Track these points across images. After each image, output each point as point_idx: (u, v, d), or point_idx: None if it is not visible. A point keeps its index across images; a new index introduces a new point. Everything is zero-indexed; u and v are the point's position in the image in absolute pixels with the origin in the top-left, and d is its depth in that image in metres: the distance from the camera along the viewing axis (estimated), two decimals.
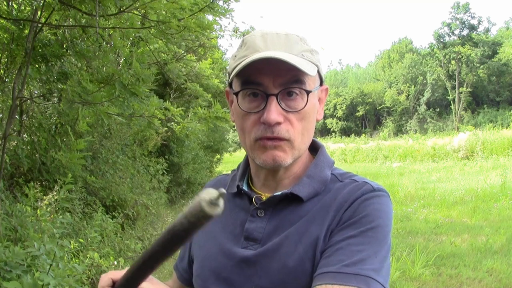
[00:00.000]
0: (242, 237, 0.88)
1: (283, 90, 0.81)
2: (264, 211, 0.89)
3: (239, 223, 0.90)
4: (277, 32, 0.84)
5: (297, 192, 0.87)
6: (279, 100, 0.81)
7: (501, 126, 25.10)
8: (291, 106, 0.82)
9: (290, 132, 0.82)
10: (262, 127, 0.82)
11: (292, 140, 0.83)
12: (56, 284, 2.25)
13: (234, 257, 0.87)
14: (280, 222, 0.87)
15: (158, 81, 6.80)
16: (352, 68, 72.34)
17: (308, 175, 0.90)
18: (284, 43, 0.83)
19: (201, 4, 3.00)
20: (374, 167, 18.72)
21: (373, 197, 0.83)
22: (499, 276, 4.55)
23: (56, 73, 3.74)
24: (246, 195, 0.93)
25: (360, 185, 0.86)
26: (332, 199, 0.86)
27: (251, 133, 0.84)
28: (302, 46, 0.84)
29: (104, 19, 3.29)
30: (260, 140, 0.83)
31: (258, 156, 0.85)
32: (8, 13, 3.37)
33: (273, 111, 0.80)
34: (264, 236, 0.86)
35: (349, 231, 0.79)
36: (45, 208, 3.41)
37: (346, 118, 54.85)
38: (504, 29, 48.71)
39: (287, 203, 0.88)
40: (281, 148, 0.83)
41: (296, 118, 0.83)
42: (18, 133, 4.25)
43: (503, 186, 9.77)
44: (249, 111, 0.83)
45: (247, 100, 0.83)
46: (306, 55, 0.83)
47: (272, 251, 0.84)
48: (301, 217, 0.85)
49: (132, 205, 5.49)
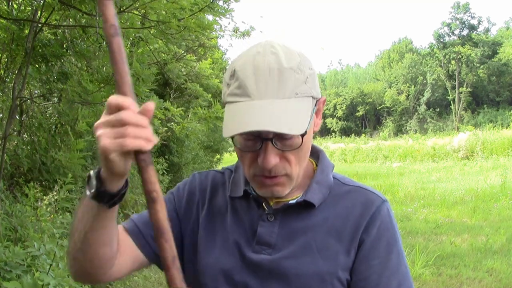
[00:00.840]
0: (254, 241, 0.88)
1: (278, 135, 0.79)
2: (274, 216, 0.89)
3: (249, 227, 0.90)
4: (269, 68, 0.78)
5: (310, 199, 0.88)
6: (274, 142, 0.80)
7: (501, 126, 25.10)
8: (287, 145, 0.81)
9: (287, 168, 0.83)
10: (259, 166, 0.81)
11: (290, 174, 0.84)
12: (56, 284, 2.25)
13: (248, 261, 0.87)
14: (293, 229, 0.88)
15: (158, 81, 6.79)
16: (352, 68, 72.37)
17: (317, 181, 0.91)
18: (277, 85, 0.78)
19: (201, 4, 2.99)
20: (374, 167, 18.72)
21: (386, 209, 0.90)
22: (499, 276, 4.54)
23: (56, 73, 3.74)
24: (254, 199, 0.92)
25: (370, 197, 0.91)
26: (345, 207, 0.89)
27: (249, 168, 0.84)
28: (296, 80, 0.80)
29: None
30: (259, 177, 0.84)
31: (257, 189, 0.87)
32: (8, 13, 3.37)
33: (269, 155, 0.79)
34: (277, 241, 0.87)
35: (376, 259, 0.86)
36: (45, 208, 3.41)
37: (346, 118, 54.87)
38: (504, 29, 48.74)
39: (297, 208, 0.89)
40: (280, 183, 0.84)
41: (293, 154, 0.82)
42: (18, 133, 4.25)
43: (503, 186, 9.77)
44: (245, 150, 0.83)
45: (243, 138, 0.82)
46: (300, 90, 0.80)
47: (290, 260, 0.85)
48: (315, 226, 0.88)
49: (132, 205, 5.49)
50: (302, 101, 0.80)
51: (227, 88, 0.84)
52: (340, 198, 0.91)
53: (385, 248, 0.87)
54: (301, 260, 0.85)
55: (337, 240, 0.86)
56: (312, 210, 0.89)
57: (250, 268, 0.86)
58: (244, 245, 0.88)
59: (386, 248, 0.87)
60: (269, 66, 0.79)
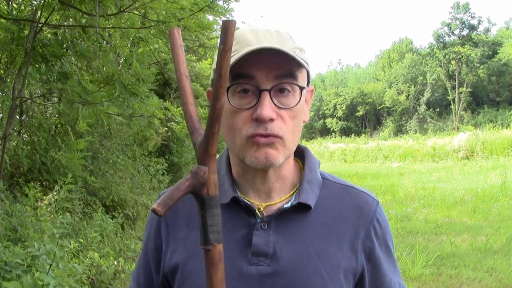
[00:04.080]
0: (250, 253, 0.82)
1: (276, 86, 0.79)
2: (267, 223, 0.84)
3: (241, 238, 0.84)
4: (267, 29, 0.82)
5: (305, 200, 0.84)
6: (272, 96, 0.78)
7: (501, 126, 25.09)
8: (284, 102, 0.79)
9: (283, 129, 0.79)
10: (254, 124, 0.78)
11: (285, 138, 0.80)
12: (56, 284, 2.25)
13: (246, 275, 0.82)
14: (289, 235, 0.84)
15: (158, 81, 6.80)
16: (352, 68, 72.33)
17: (307, 181, 0.87)
18: (276, 39, 0.80)
19: (201, 4, 2.99)
20: (374, 167, 18.72)
21: (380, 211, 0.91)
22: (499, 276, 4.55)
23: (56, 73, 3.74)
24: (244, 207, 0.85)
25: (364, 198, 0.90)
26: (340, 209, 0.88)
27: (242, 130, 0.79)
28: (292, 44, 0.81)
29: (104, 19, 3.29)
30: (253, 138, 0.79)
31: (250, 155, 0.80)
32: (8, 13, 3.37)
33: (267, 106, 0.77)
34: (274, 250, 0.82)
35: (384, 263, 0.89)
36: (45, 208, 3.41)
37: (346, 118, 54.82)
38: (504, 29, 48.71)
39: (291, 212, 0.85)
40: (274, 146, 0.79)
41: (288, 115, 0.80)
42: (18, 133, 4.25)
43: (503, 186, 9.78)
44: (240, 107, 0.79)
45: (237, 97, 0.79)
46: (297, 52, 0.81)
47: (290, 270, 0.81)
48: (312, 230, 0.85)
49: (132, 205, 5.49)
50: (301, 60, 0.80)
51: None
52: (334, 199, 0.88)
53: (387, 250, 0.90)
54: (302, 268, 0.81)
55: (336, 243, 0.84)
56: (307, 212, 0.85)
57: (249, 282, 0.81)
58: (238, 258, 0.82)
59: (388, 250, 0.90)
60: (266, 28, 0.82)
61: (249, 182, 0.87)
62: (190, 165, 9.43)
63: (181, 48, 0.65)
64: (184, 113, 0.67)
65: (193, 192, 0.61)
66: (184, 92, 0.65)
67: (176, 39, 0.64)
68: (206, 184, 0.61)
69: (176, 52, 0.64)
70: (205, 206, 0.62)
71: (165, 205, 0.57)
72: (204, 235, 0.62)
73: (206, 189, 0.62)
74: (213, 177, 0.62)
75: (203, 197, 0.62)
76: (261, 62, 0.77)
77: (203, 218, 0.62)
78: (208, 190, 0.62)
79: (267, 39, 0.79)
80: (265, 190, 0.87)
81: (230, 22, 0.54)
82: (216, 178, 0.63)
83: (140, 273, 0.95)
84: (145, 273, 0.94)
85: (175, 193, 0.59)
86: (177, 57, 0.64)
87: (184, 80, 0.65)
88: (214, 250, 0.62)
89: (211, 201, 0.62)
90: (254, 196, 0.87)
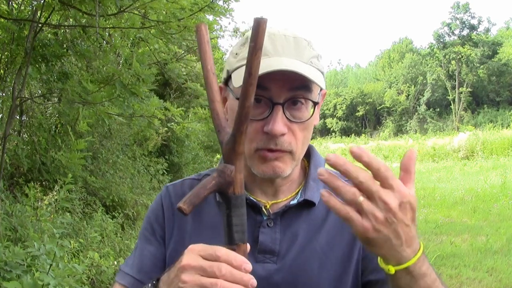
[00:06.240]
0: (256, 250, 0.83)
1: (289, 100, 0.78)
2: (273, 220, 0.85)
3: (248, 235, 0.85)
4: (285, 34, 0.79)
5: (311, 197, 0.86)
6: (285, 109, 0.77)
7: (501, 126, 25.11)
8: (296, 116, 0.79)
9: (293, 144, 0.79)
10: (265, 137, 0.78)
11: (294, 152, 0.80)
12: (56, 284, 2.25)
13: (253, 273, 0.79)
14: (295, 232, 0.85)
15: (158, 81, 6.80)
16: (352, 68, 72.34)
17: (313, 179, 0.88)
18: (293, 48, 0.78)
19: (201, 4, 3.00)
20: None
21: None
22: (499, 276, 4.55)
23: (56, 73, 3.74)
24: (250, 205, 0.85)
25: None
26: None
27: (252, 142, 0.79)
28: (310, 52, 0.80)
29: (104, 19, 3.29)
30: (261, 151, 0.79)
31: (257, 166, 0.81)
32: (8, 13, 3.37)
33: (279, 122, 0.76)
34: (281, 247, 0.83)
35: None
36: (45, 208, 3.41)
37: (346, 118, 54.81)
38: (504, 29, 48.71)
39: (296, 209, 0.86)
40: (282, 159, 0.80)
41: (299, 128, 0.80)
42: (18, 133, 4.25)
43: (503, 186, 9.77)
44: (252, 117, 0.77)
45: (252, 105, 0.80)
46: (314, 62, 0.80)
47: (296, 266, 0.82)
48: (317, 226, 0.85)
49: (132, 205, 5.49)
50: (316, 72, 0.79)
51: (235, 57, 0.81)
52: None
53: None
54: (307, 264, 0.82)
55: (339, 238, 0.85)
56: (312, 209, 0.86)
57: (258, 280, 0.82)
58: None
59: None
60: (284, 34, 0.79)
61: (256, 183, 0.88)
62: (190, 165, 9.43)
63: (208, 44, 0.64)
64: (211, 111, 0.66)
65: (219, 191, 0.60)
66: (211, 89, 0.64)
67: (203, 35, 0.63)
68: (233, 183, 0.60)
69: (204, 48, 0.63)
70: (231, 205, 0.61)
71: (191, 204, 0.56)
72: (229, 234, 0.61)
73: (232, 188, 0.61)
74: (239, 176, 0.61)
75: (229, 196, 0.61)
76: (276, 74, 0.76)
77: (228, 218, 0.61)
78: (235, 189, 0.61)
79: (284, 49, 0.78)
80: (272, 191, 0.88)
81: (262, 20, 0.52)
82: (242, 177, 0.62)
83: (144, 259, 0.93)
84: (151, 256, 0.92)
85: (201, 192, 0.58)
86: (204, 54, 0.64)
87: (211, 76, 0.64)
88: (239, 250, 0.61)
89: (237, 200, 0.61)
90: (261, 194, 0.88)
